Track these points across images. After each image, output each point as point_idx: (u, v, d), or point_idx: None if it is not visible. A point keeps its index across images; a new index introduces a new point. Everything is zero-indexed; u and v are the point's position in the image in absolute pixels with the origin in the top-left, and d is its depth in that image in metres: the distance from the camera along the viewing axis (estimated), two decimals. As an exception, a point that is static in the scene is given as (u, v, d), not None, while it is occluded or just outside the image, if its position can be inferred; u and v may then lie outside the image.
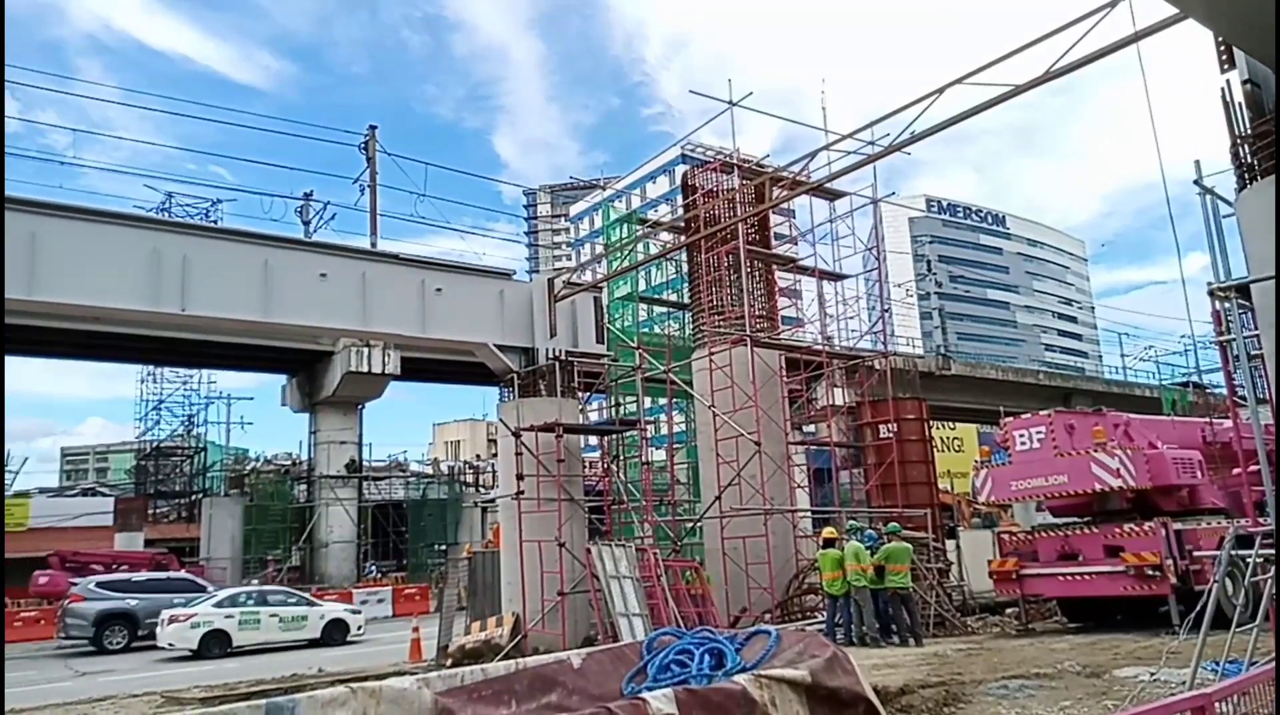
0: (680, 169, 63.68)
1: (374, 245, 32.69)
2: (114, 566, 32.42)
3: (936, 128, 11.05)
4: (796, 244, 21.85)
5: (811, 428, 25.08)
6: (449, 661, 14.57)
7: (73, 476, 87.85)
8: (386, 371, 33.71)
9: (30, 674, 17.69)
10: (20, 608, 28.18)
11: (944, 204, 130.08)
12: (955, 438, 51.94)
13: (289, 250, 15.91)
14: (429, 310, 16.46)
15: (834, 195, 19.34)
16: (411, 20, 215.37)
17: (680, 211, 22.97)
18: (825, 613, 14.60)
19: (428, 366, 35.28)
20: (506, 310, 17.29)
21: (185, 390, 50.04)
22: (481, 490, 46.00)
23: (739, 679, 5.51)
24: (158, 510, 46.24)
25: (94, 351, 34.09)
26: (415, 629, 17.21)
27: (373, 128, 36.10)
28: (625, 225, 24.10)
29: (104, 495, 50.58)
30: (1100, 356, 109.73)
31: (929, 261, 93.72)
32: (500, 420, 17.24)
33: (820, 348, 19.94)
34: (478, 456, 71.61)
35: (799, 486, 19.23)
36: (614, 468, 19.59)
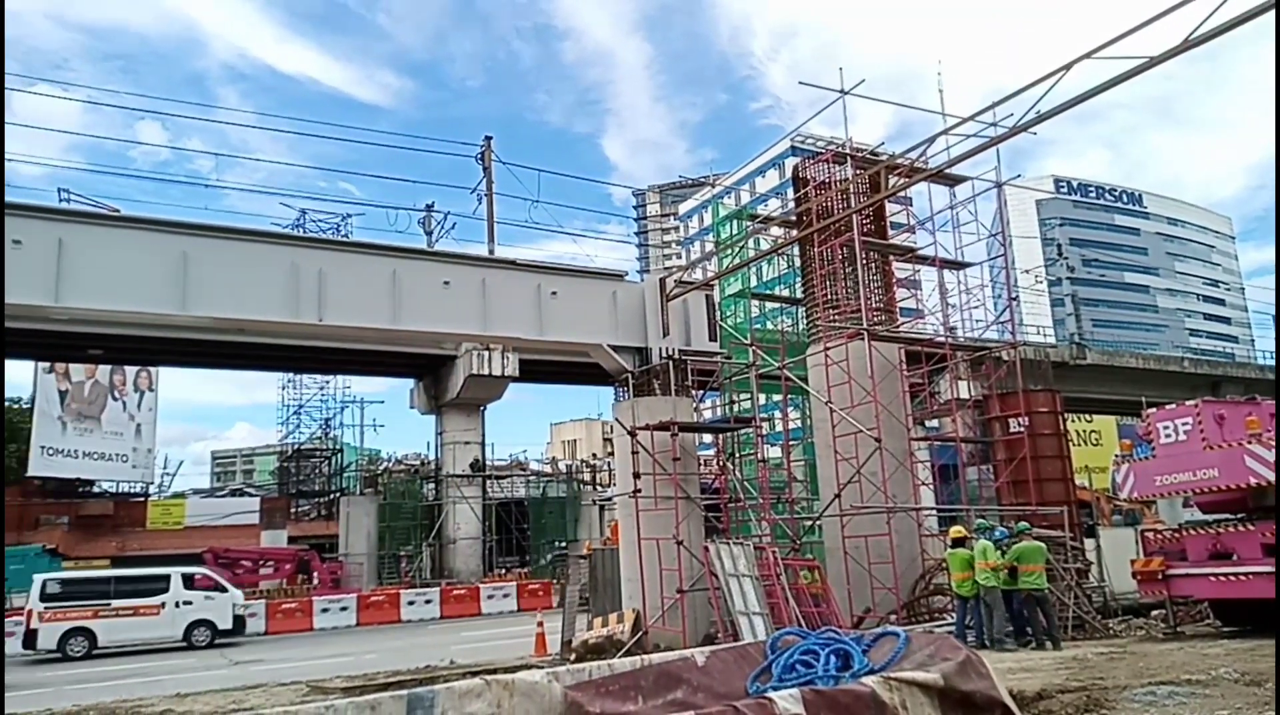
0: (790, 162, 62.67)
1: (492, 252, 33.72)
2: (261, 562, 34.70)
3: (1064, 105, 10.49)
4: (914, 233, 21.15)
5: (935, 423, 24.24)
6: (573, 656, 14.88)
7: (222, 478, 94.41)
8: (506, 374, 34.70)
9: (190, 661, 19.15)
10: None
11: (1074, 184, 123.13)
12: (1093, 431, 49.20)
13: (414, 260, 16.63)
14: (545, 313, 16.85)
15: (954, 181, 18.62)
16: (522, 31, 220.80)
17: (791, 205, 22.65)
18: (954, 614, 14.11)
19: (544, 368, 36.10)
20: (619, 311, 17.51)
21: (322, 395, 53.03)
22: (599, 488, 46.68)
23: (867, 681, 5.40)
24: (299, 509, 49.13)
25: (239, 361, 36.52)
26: (540, 623, 17.64)
27: (488, 138, 37.22)
28: (735, 221, 23.96)
29: (250, 495, 54.16)
30: (1252, 341, 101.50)
31: (1059, 245, 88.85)
32: (616, 420, 17.47)
33: (943, 340, 19.25)
34: (594, 455, 72.71)
35: (923, 484, 18.65)
36: (729, 466, 19.51)
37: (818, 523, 17.95)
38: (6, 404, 51.42)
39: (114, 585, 22.41)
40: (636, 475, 15.55)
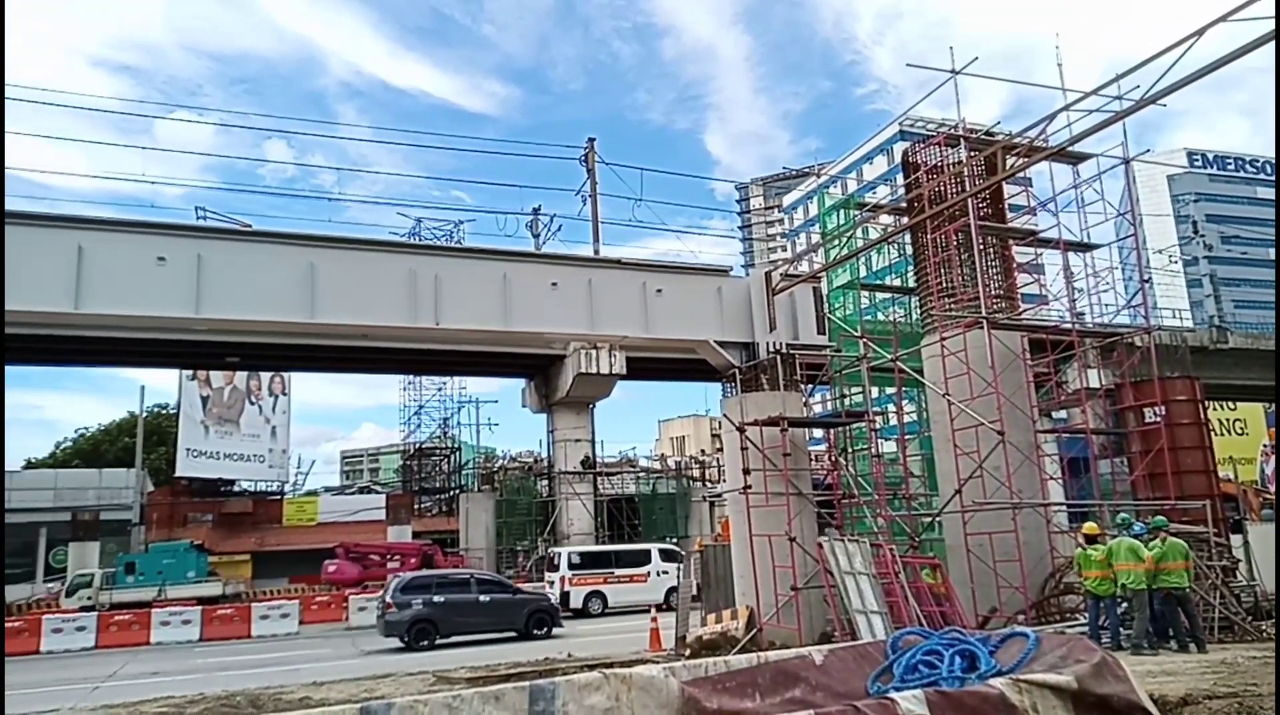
0: (899, 147, 60.87)
1: (597, 252, 34.18)
2: (388, 556, 36.24)
3: (1197, 74, 9.79)
4: (1035, 215, 20.17)
5: (1063, 414, 23.08)
6: (688, 652, 14.92)
7: (351, 476, 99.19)
8: (613, 372, 35.11)
9: (325, 651, 20.20)
10: (315, 593, 32.16)
11: (1209, 157, 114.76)
12: (1237, 419, 45.89)
13: (523, 263, 17.03)
14: (651, 311, 16.95)
15: (1077, 159, 17.64)
16: (622, 31, 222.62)
17: (901, 191, 21.99)
18: (1086, 615, 13.40)
19: (651, 365, 36.33)
20: (725, 306, 17.43)
21: (440, 396, 55.08)
22: (708, 485, 46.62)
23: (995, 683, 5.20)
24: (422, 505, 51.12)
25: (364, 364, 38.24)
26: (654, 619, 17.76)
27: (591, 140, 37.71)
28: (842, 211, 23.45)
29: (377, 492, 56.72)
30: None
31: (1195, 223, 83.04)
32: (724, 416, 17.40)
33: (1069, 326, 18.30)
34: (702, 452, 72.62)
35: (1051, 478, 17.78)
36: (842, 461, 19.12)
37: (938, 519, 17.39)
38: (157, 410, 55.62)
39: (614, 557, 27.40)
40: (746, 471, 15.45)
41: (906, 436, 21.53)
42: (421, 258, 16.48)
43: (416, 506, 50.01)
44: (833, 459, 18.20)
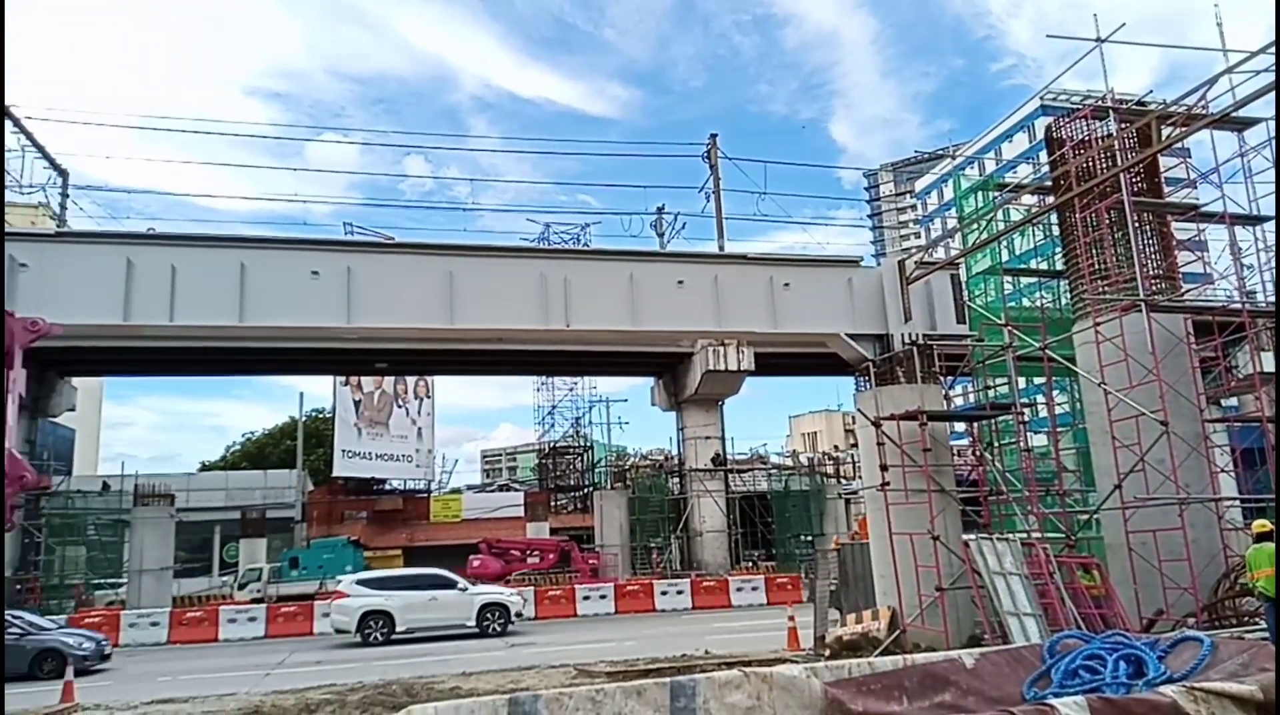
0: (1041, 122, 57.60)
1: (722, 248, 34.05)
2: (528, 552, 37.37)
3: (1392, 17, 8.77)
4: (1196, 188, 18.61)
5: (1234, 402, 21.20)
6: (827, 652, 14.64)
7: (490, 475, 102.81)
8: (742, 368, 34.86)
9: (471, 643, 21.01)
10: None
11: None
12: None
13: (649, 262, 17.18)
14: (779, 305, 16.74)
15: (1243, 124, 16.14)
16: (742, 24, 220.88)
17: (1045, 169, 20.79)
18: (1265, 619, 12.26)
19: (780, 360, 35.85)
20: (856, 298, 17.00)
21: (572, 396, 56.32)
22: (842, 481, 45.59)
23: (1167, 690, 4.84)
24: (558, 502, 52.39)
25: (500, 367, 39.59)
26: (791, 617, 17.54)
27: (713, 136, 37.60)
28: (980, 193, 22.40)
29: (515, 490, 58.57)
30: None
31: (1388, 186, 74.29)
32: (858, 410, 16.95)
33: (1238, 306, 16.79)
34: (835, 447, 71.13)
35: (1222, 471, 16.36)
36: (988, 456, 18.25)
37: (1095, 517, 16.34)
38: (315, 414, 59.42)
39: None
40: (884, 467, 15.01)
41: (1058, 429, 20.34)
42: (551, 262, 16.91)
43: (553, 503, 51.31)
44: (977, 454, 17.42)
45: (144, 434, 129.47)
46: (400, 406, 53.85)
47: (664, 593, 28.00)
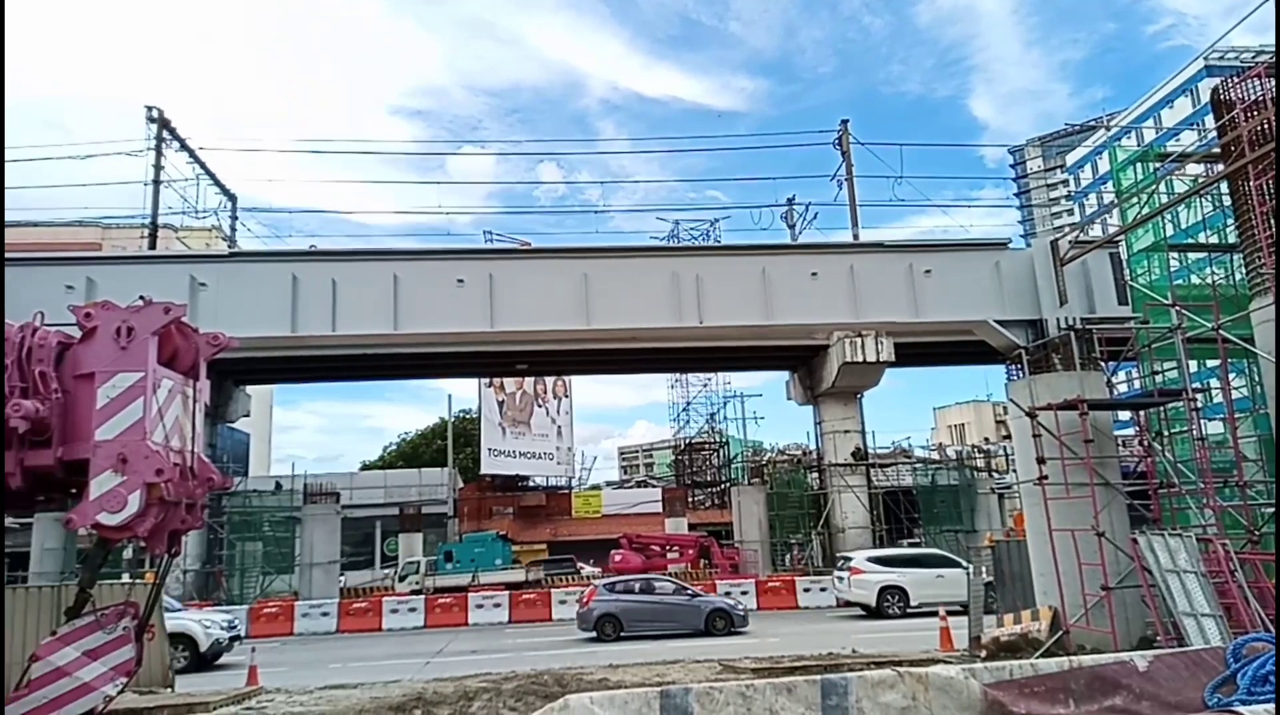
0: (1207, 84, 53.09)
1: (856, 237, 33.18)
2: (668, 547, 37.71)
3: None
4: (1398, 144, 16.60)
5: None
6: (983, 653, 14.05)
7: (628, 471, 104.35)
8: (881, 359, 33.84)
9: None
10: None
11: None
12: None
13: (781, 255, 16.99)
14: (920, 293, 16.20)
15: None
16: (871, 4, 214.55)
17: (1213, 135, 19.13)
18: None
19: (923, 350, 34.57)
20: (1005, 282, 16.22)
21: (706, 392, 56.40)
22: (994, 475, 43.54)
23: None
24: (695, 498, 52.63)
25: (634, 365, 40.08)
26: (943, 616, 16.94)
27: (844, 122, 36.69)
28: (1139, 164, 20.81)
29: (652, 486, 59.25)
30: None
31: None
32: (1011, 401, 16.15)
33: None
34: (985, 439, 67.97)
35: None
36: (1157, 446, 16.97)
37: (1283, 510, 14.91)
38: (463, 415, 62.13)
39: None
40: (1040, 460, 14.25)
41: (1236, 415, 18.67)
42: (682, 259, 17.00)
43: (690, 499, 51.57)
44: (1145, 444, 16.25)
45: (310, 437, 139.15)
46: (540, 406, 55.55)
47: (807, 590, 27.62)
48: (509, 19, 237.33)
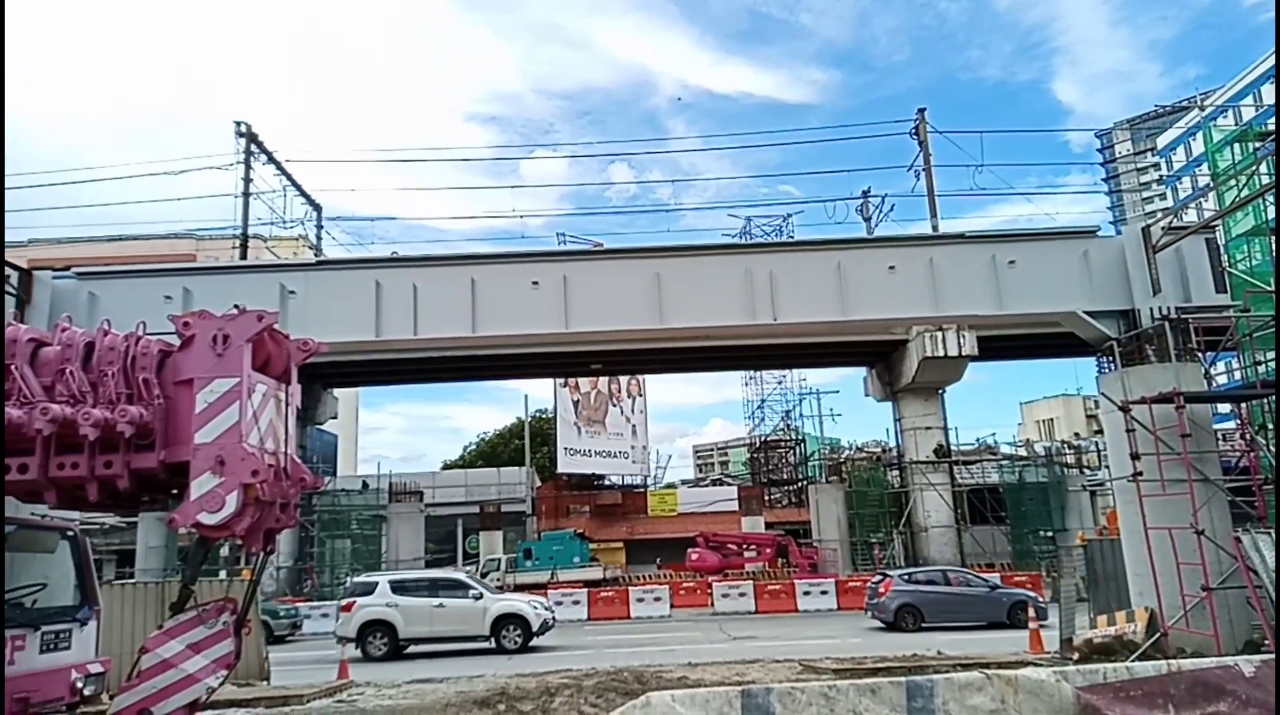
0: (1310, 57, 50.06)
1: (935, 228, 32.42)
2: (744, 546, 37.49)
3: None
4: None
5: None
6: (1076, 656, 13.56)
7: (703, 469, 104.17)
8: (963, 353, 32.93)
9: (695, 634, 21.41)
10: (681, 579, 34.24)
11: None
12: None
13: (856, 249, 16.73)
14: (1003, 285, 15.75)
15: None
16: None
17: (1320, 111, 18.02)
18: None
19: (1007, 344, 33.49)
20: (1093, 271, 15.63)
21: (781, 389, 55.89)
22: (1085, 471, 41.95)
23: None
24: (771, 496, 52.17)
25: (707, 363, 39.95)
26: (1033, 618, 16.43)
27: (921, 111, 35.89)
28: (1237, 144, 19.77)
29: (728, 485, 58.98)
30: None
31: None
32: (1102, 394, 15.55)
33: None
34: (1075, 435, 65.52)
35: None
36: (1260, 439, 16.11)
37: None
38: (539, 415, 63.01)
39: None
40: (1135, 456, 13.68)
41: (1351, 407, 17.58)
42: (755, 256, 16.90)
43: (766, 498, 51.14)
44: (1247, 438, 15.44)
45: (394, 437, 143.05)
46: (615, 405, 55.91)
47: (888, 589, 27.08)
48: (579, 23, 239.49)
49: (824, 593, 27.07)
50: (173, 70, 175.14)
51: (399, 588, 19.16)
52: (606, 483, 55.41)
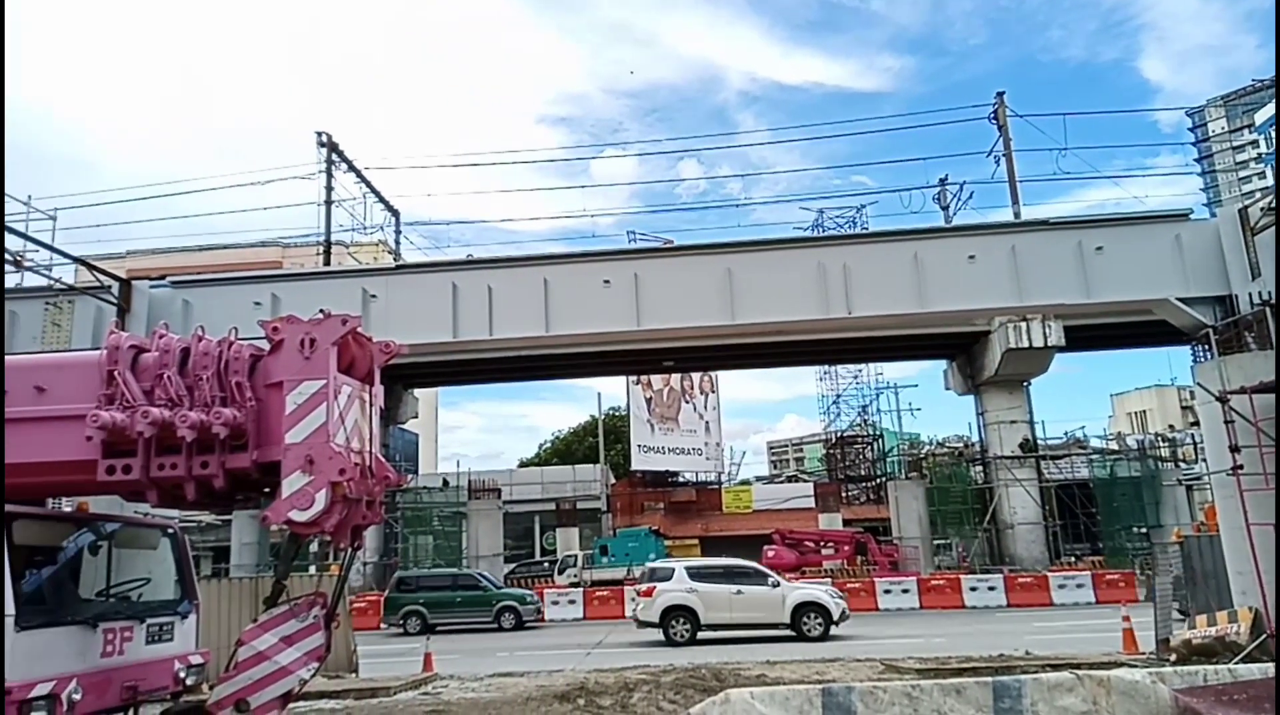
0: None
1: (1017, 215, 31.36)
2: (822, 544, 37.04)
3: None
4: None
5: None
6: (1173, 657, 12.98)
7: (777, 466, 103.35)
8: (1049, 344, 31.80)
9: (774, 632, 21.23)
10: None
11: None
12: None
13: (934, 239, 16.37)
14: (1090, 272, 15.21)
15: None
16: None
17: None
18: None
19: (1095, 333, 32.19)
20: (1187, 256, 14.94)
21: (857, 384, 55.02)
22: (1181, 465, 40.09)
23: None
24: (849, 493, 51.41)
25: (780, 358, 39.52)
26: (1126, 617, 15.79)
27: (999, 94, 34.81)
28: (1347, 118, 18.62)
29: (804, 481, 58.37)
30: None
31: None
32: (1198, 385, 14.84)
33: None
34: (1170, 427, 62.73)
35: None
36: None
37: None
38: (612, 412, 63.43)
39: None
40: (1234, 449, 13.01)
41: None
42: (828, 249, 16.68)
43: (844, 494, 50.41)
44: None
45: (472, 436, 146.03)
46: (688, 402, 55.87)
47: (973, 588, 26.43)
48: (646, 20, 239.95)
49: (905, 591, 26.53)
50: (257, 85, 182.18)
51: (697, 574, 19.41)
52: (680, 480, 55.43)
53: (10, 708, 6.69)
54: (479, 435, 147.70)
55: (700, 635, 19.06)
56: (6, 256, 22.78)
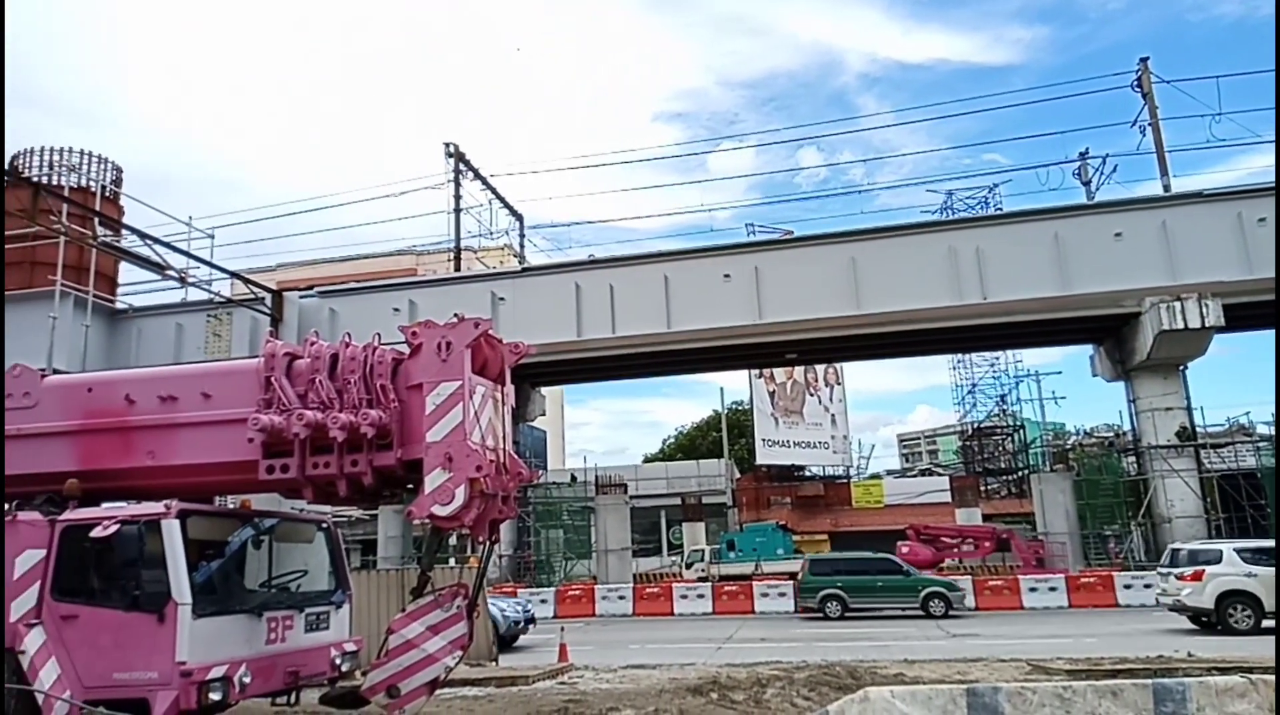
0: None
1: (1167, 188, 29.13)
2: (960, 540, 35.69)
3: None
4: None
5: None
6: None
7: (909, 459, 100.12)
8: (1207, 325, 29.43)
9: (909, 630, 20.63)
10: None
11: None
12: None
13: (1075, 217, 15.52)
14: (1253, 245, 14.06)
15: None
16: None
17: None
18: None
19: (1260, 311, 29.50)
20: (1371, 223, 13.52)
21: (994, 372, 52.66)
22: (1369, 453, 36.29)
23: None
24: (988, 487, 49.29)
25: (910, 348, 38.24)
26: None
27: (1143, 60, 32.40)
28: None
29: (939, 474, 56.37)
30: None
31: None
32: (1388, 363, 13.44)
33: None
34: (1354, 411, 56.85)
35: None
36: None
37: None
38: (735, 407, 63.19)
39: None
40: None
41: None
42: (959, 232, 16.06)
43: (982, 488, 48.36)
44: None
45: (597, 432, 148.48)
46: (812, 395, 54.96)
47: (1127, 586, 24.83)
48: (761, 9, 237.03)
49: (1052, 589, 25.20)
50: (389, 99, 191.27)
51: (1252, 556, 16.81)
52: (807, 474, 54.61)
53: (191, 687, 7.33)
54: (603, 431, 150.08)
55: (833, 631, 18.55)
56: (172, 273, 24.88)
